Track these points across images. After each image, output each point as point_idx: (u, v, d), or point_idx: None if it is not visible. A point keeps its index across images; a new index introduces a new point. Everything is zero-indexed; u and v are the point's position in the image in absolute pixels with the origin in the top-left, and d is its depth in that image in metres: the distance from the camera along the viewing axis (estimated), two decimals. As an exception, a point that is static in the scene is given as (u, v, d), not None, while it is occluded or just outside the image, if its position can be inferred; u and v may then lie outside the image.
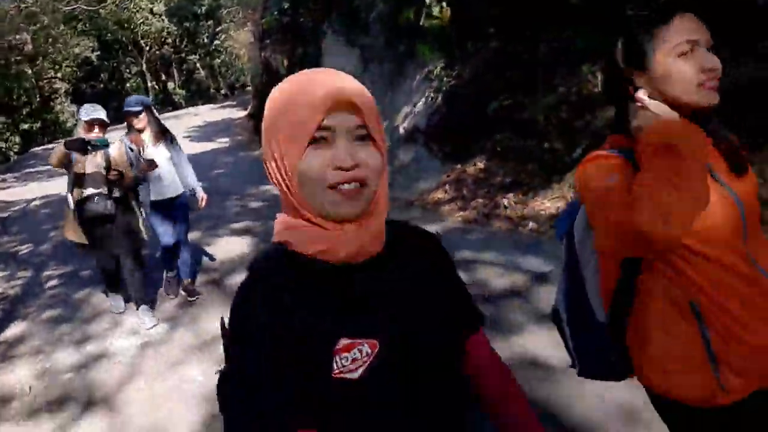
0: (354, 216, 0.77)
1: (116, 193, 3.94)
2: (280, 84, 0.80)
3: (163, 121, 4.47)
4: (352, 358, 0.74)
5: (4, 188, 13.70)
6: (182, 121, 22.05)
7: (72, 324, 4.43)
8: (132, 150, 4.06)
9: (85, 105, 4.00)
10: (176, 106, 36.71)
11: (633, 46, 1.14)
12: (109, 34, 30.36)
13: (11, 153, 22.94)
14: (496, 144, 6.58)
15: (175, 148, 4.38)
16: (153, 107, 4.37)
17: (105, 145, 3.74)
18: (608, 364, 1.29)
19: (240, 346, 0.74)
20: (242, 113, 20.45)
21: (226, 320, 0.80)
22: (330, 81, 0.76)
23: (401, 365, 0.77)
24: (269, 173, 0.80)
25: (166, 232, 4.37)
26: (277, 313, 0.74)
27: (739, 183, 1.15)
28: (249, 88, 23.37)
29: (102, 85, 35.43)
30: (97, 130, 3.80)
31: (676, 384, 1.14)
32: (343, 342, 0.74)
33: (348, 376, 0.73)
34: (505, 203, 5.92)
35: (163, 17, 29.75)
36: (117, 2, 25.96)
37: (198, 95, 41.01)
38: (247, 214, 7.45)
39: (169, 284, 4.70)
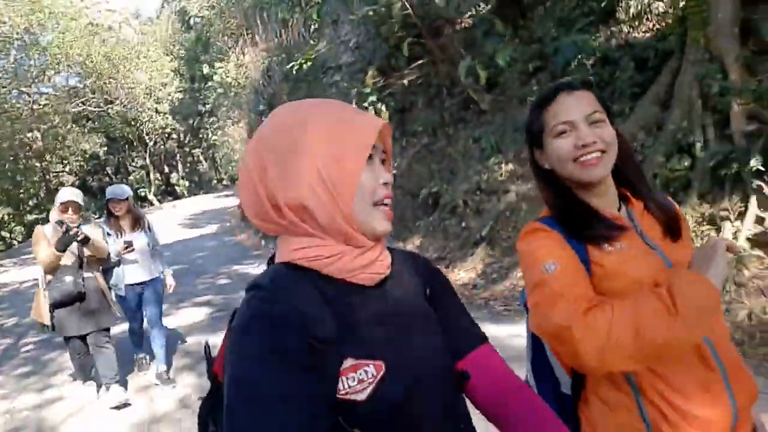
0: (388, 234, 0.82)
1: (88, 273, 4.06)
2: (285, 113, 0.82)
3: (157, 211, 5.14)
4: (359, 379, 0.73)
5: (1, 272, 14.60)
6: (179, 211, 23.41)
7: (37, 377, 5.17)
8: (110, 234, 4.33)
9: (64, 188, 4.26)
10: (177, 197, 38.59)
11: (530, 127, 1.22)
12: (116, 131, 32.54)
13: (15, 242, 24.07)
14: (428, 224, 7.57)
15: (151, 235, 4.61)
16: (132, 197, 4.61)
17: (82, 240, 3.90)
18: None
19: (256, 361, 0.69)
20: (236, 201, 21.81)
21: (215, 341, 0.80)
22: (354, 108, 0.85)
23: (404, 389, 0.76)
24: (282, 194, 0.78)
25: (135, 317, 4.57)
26: (294, 325, 0.72)
27: (673, 249, 1.16)
28: (243, 179, 24.85)
29: (108, 178, 37.32)
30: (70, 211, 3.96)
31: None
32: (350, 362, 0.73)
33: (354, 397, 0.72)
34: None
35: (168, 116, 32.00)
36: (125, 103, 28.19)
37: (200, 186, 43.10)
38: (213, 289, 8.29)
39: (140, 365, 4.84)
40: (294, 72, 8.31)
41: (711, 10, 4.40)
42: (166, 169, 41.48)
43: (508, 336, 4.15)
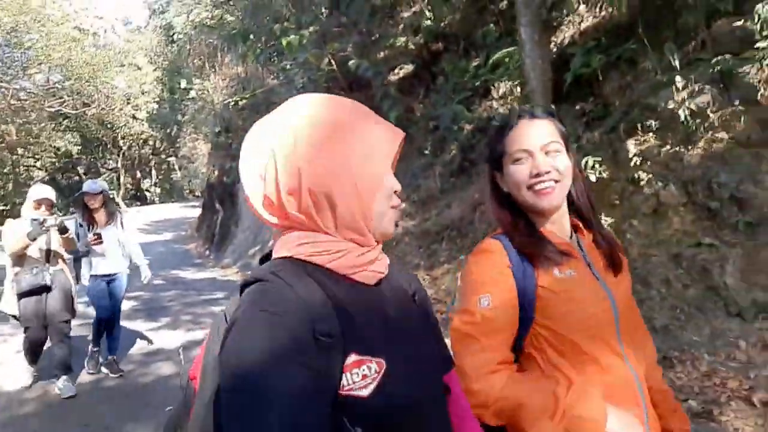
0: (390, 236, 0.85)
1: (54, 266, 4.24)
2: (322, 101, 0.83)
3: (126, 214, 5.13)
4: (362, 374, 0.73)
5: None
6: (142, 216, 24.16)
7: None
8: (81, 226, 4.50)
9: (35, 185, 4.44)
10: (146, 202, 39.18)
11: (491, 151, 1.27)
12: (91, 133, 33.22)
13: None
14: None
15: (123, 230, 4.75)
16: (107, 191, 4.78)
17: (61, 229, 4.09)
18: None
19: (261, 356, 0.67)
20: (197, 212, 22.70)
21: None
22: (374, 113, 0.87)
23: (406, 386, 0.77)
24: (305, 186, 0.77)
25: (103, 306, 4.64)
26: (301, 318, 0.70)
27: (614, 281, 1.21)
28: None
29: (78, 177, 37.71)
30: (43, 208, 4.13)
31: None
32: (353, 358, 0.73)
33: (358, 393, 0.72)
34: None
35: (144, 123, 32.84)
36: (103, 106, 29.04)
37: (172, 194, 43.73)
38: (144, 288, 9.25)
39: (91, 358, 4.84)
40: (238, 104, 9.50)
41: (532, 104, 5.75)
42: (139, 174, 42.06)
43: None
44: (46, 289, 4.19)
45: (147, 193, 43.31)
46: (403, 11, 9.84)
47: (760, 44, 3.78)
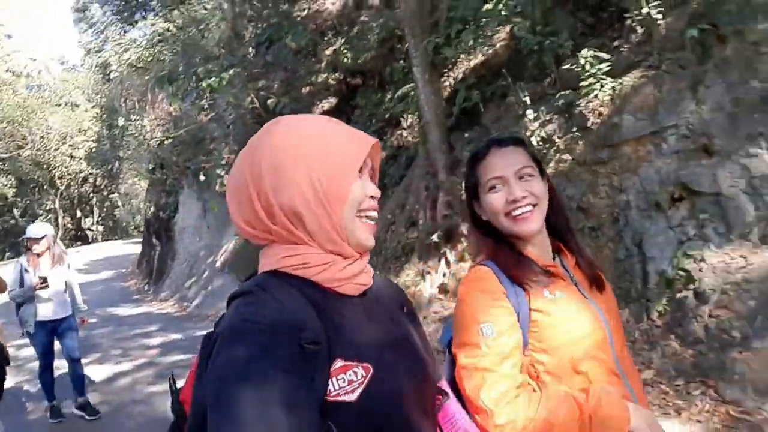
0: (371, 247, 0.86)
1: None
2: (293, 121, 0.87)
3: (64, 255, 4.88)
4: (348, 379, 0.74)
5: None
6: (82, 256, 23.63)
7: None
8: (27, 271, 4.42)
9: None
10: (87, 242, 38.11)
11: (467, 181, 1.28)
12: (26, 174, 32.36)
13: None
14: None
15: (70, 273, 4.77)
16: (54, 237, 4.74)
17: None
18: None
19: (249, 364, 0.68)
20: (139, 249, 22.51)
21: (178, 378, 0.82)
22: (348, 126, 0.89)
23: (393, 392, 0.78)
24: (280, 203, 0.80)
25: (46, 354, 4.55)
26: (288, 327, 0.72)
27: (601, 299, 1.23)
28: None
29: (13, 221, 36.42)
30: None
31: None
32: (339, 363, 0.74)
33: (345, 398, 0.73)
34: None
35: (83, 161, 32.27)
36: (38, 147, 28.45)
37: (116, 231, 42.72)
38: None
39: (51, 413, 4.71)
40: (168, 142, 9.94)
41: (428, 133, 6.48)
42: (79, 214, 40.96)
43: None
44: None
45: (89, 232, 42.10)
46: (325, 49, 10.55)
47: (582, 83, 4.60)
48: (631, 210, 4.56)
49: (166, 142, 10.03)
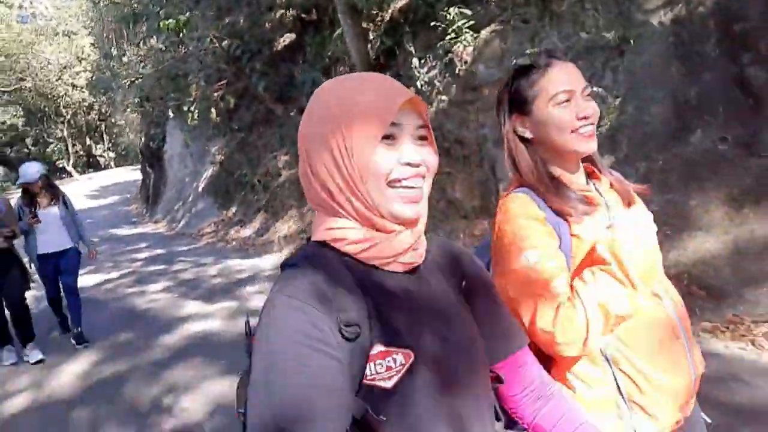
0: (415, 218, 0.78)
1: (2, 245, 4.43)
2: (330, 84, 0.81)
3: (74, 182, 6.14)
4: (387, 366, 0.71)
5: None
6: (92, 183, 25.34)
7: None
8: (21, 208, 4.73)
9: None
10: (99, 168, 39.76)
11: (516, 93, 1.19)
12: (32, 105, 33.40)
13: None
14: (239, 197, 10.51)
15: (68, 209, 4.94)
16: (47, 174, 4.94)
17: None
18: None
19: (286, 340, 0.68)
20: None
21: (253, 321, 0.79)
22: (391, 82, 0.79)
23: (433, 380, 0.75)
24: (311, 170, 0.79)
25: (50, 285, 4.94)
26: (328, 307, 0.70)
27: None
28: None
29: (26, 150, 37.96)
30: None
31: None
32: (378, 348, 0.72)
33: (381, 384, 0.71)
34: (232, 233, 9.79)
35: (84, 90, 33.07)
36: (40, 77, 29.26)
37: (128, 157, 44.20)
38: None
39: (76, 339, 4.96)
40: (144, 76, 10.96)
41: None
42: (89, 141, 42.29)
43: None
44: None
45: (100, 159, 43.66)
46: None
47: (450, 35, 5.55)
48: (488, 141, 5.68)
49: (142, 77, 10.98)
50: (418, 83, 6.02)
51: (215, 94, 10.84)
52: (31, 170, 4.76)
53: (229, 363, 4.02)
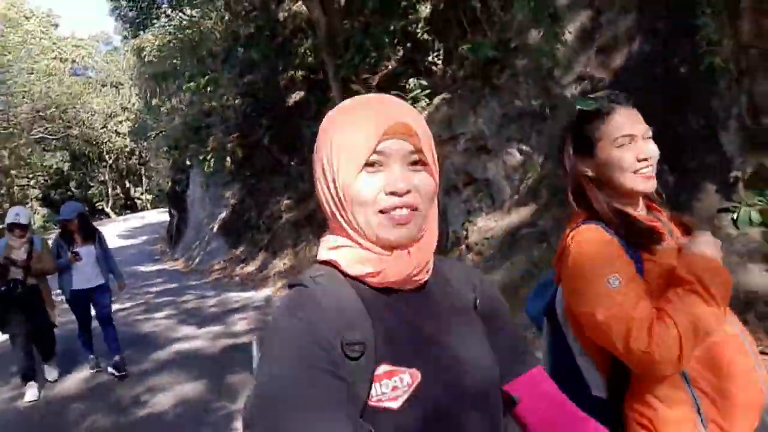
0: (405, 241, 0.77)
1: (31, 281, 4.69)
2: (339, 105, 0.82)
3: (111, 223, 6.97)
4: (393, 386, 0.70)
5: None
6: (127, 223, 27.09)
7: None
8: (61, 247, 4.96)
9: (12, 208, 4.87)
10: (136, 210, 42.06)
11: (581, 136, 1.28)
12: (78, 150, 36.06)
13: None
14: (247, 237, 11.57)
15: (102, 247, 5.16)
16: (85, 213, 5.24)
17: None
18: None
19: (288, 360, 0.68)
20: (173, 217, 25.74)
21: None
22: (385, 107, 0.77)
23: (441, 400, 0.73)
24: (318, 192, 0.81)
25: (82, 319, 5.15)
26: (331, 327, 0.70)
27: None
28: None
29: (69, 192, 40.62)
30: (17, 232, 4.64)
31: None
32: (384, 368, 0.71)
33: (387, 404, 0.70)
34: (237, 269, 10.81)
35: (126, 137, 35.58)
36: (87, 125, 31.80)
37: (161, 199, 46.65)
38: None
39: (92, 365, 5.34)
40: (173, 126, 12.42)
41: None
42: (128, 184, 44.92)
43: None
44: (23, 301, 4.67)
45: (138, 201, 46.13)
46: (298, 47, 12.52)
47: (410, 101, 6.55)
48: (439, 190, 6.56)
49: (170, 126, 12.45)
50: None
51: (229, 145, 12.09)
52: (69, 209, 5.06)
53: (200, 372, 4.92)
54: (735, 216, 4.07)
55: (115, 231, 23.23)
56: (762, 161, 4.10)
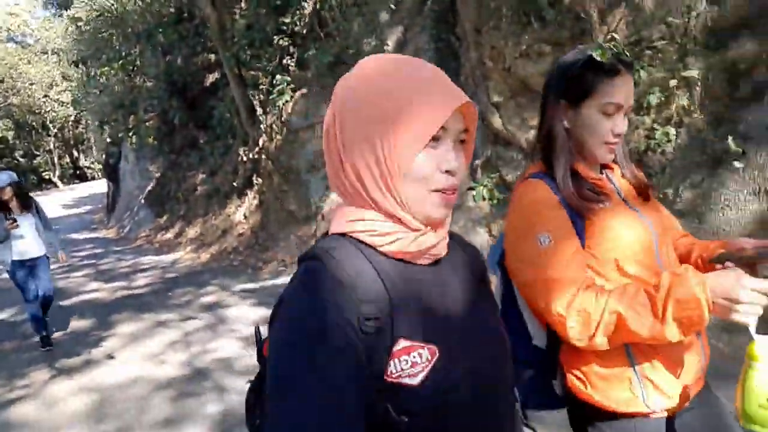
0: (445, 219, 0.78)
1: None
2: (386, 64, 0.75)
3: (57, 192, 7.44)
4: (412, 361, 0.69)
5: None
6: (73, 193, 27.70)
7: None
8: None
9: None
10: (86, 179, 42.06)
11: (575, 83, 1.21)
12: (21, 119, 35.78)
13: None
14: (170, 209, 12.84)
15: (40, 216, 5.13)
16: (20, 182, 5.15)
17: None
18: (551, 392, 1.28)
19: (304, 335, 0.66)
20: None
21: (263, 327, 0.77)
22: (444, 78, 0.75)
23: (460, 374, 0.72)
24: (349, 158, 0.74)
25: (28, 289, 5.07)
26: (348, 301, 0.68)
27: (648, 209, 1.27)
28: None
29: (16, 162, 40.25)
30: None
31: (604, 397, 1.16)
32: (403, 344, 0.69)
33: (407, 381, 0.68)
34: (158, 237, 12.10)
35: (69, 106, 35.41)
36: (29, 93, 31.66)
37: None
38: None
39: (42, 342, 5.23)
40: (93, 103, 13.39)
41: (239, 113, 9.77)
42: (76, 153, 44.63)
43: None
44: None
45: (88, 170, 45.95)
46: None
47: (273, 95, 7.90)
48: (302, 168, 8.02)
49: (99, 101, 13.50)
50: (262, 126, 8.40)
51: (148, 123, 13.20)
52: (2, 176, 4.95)
53: (93, 313, 6.39)
54: (474, 193, 5.66)
55: (60, 200, 23.92)
56: (495, 151, 5.67)
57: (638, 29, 4.33)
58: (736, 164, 3.68)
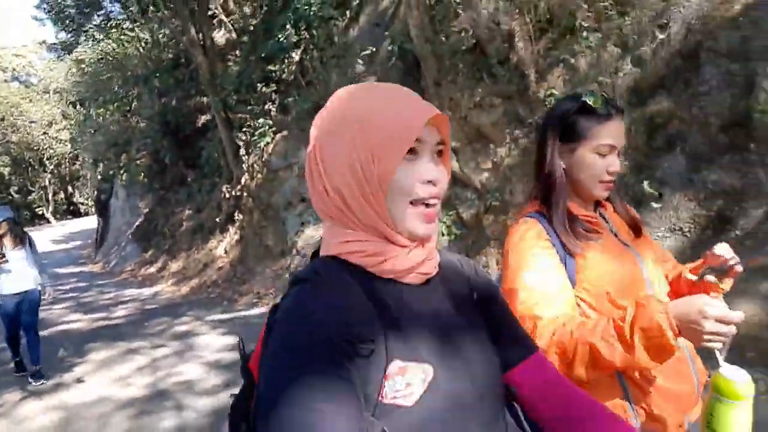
0: (428, 237, 0.78)
1: None
2: (356, 90, 0.78)
3: (49, 228, 7.73)
4: (406, 382, 0.68)
5: None
6: (64, 228, 27.92)
7: None
8: None
9: None
10: (79, 214, 42.31)
11: (571, 126, 1.28)
12: (18, 156, 36.35)
13: None
14: (156, 244, 13.14)
15: (32, 251, 5.20)
16: (15, 218, 5.28)
17: None
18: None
19: (296, 357, 0.65)
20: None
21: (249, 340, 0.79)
22: (419, 98, 0.77)
23: (454, 394, 0.72)
24: (329, 176, 0.75)
25: (10, 325, 5.20)
26: (340, 323, 0.67)
27: (638, 242, 1.33)
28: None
29: (10, 197, 40.58)
30: None
31: None
32: (397, 364, 0.69)
33: (402, 402, 0.67)
34: (143, 271, 12.36)
35: (67, 144, 36.07)
36: (28, 131, 32.32)
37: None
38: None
39: (16, 367, 5.45)
40: (90, 142, 13.85)
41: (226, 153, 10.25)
42: (71, 190, 45.03)
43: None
44: None
45: (81, 206, 46.23)
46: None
47: (256, 137, 8.37)
48: (280, 206, 8.42)
49: (94, 140, 13.99)
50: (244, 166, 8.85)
51: (140, 161, 13.69)
52: None
53: (68, 341, 6.63)
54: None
55: (51, 236, 24.14)
56: (453, 191, 6.09)
57: (574, 86, 4.83)
58: (654, 205, 4.12)
